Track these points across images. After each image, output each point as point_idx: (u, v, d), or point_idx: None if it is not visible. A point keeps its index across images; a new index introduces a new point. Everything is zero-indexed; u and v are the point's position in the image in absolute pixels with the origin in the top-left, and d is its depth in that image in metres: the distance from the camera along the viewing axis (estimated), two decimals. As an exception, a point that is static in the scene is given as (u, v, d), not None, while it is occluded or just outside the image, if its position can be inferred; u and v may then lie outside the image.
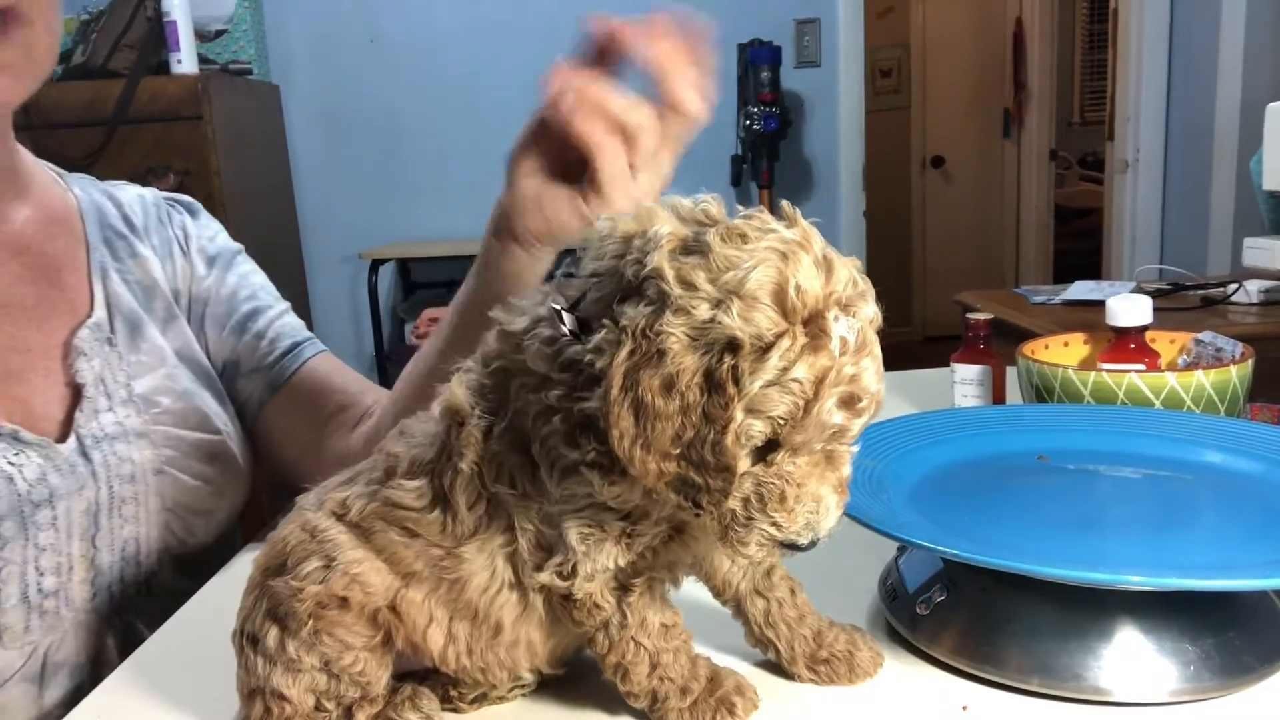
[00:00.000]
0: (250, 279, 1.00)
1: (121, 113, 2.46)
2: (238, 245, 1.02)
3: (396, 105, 3.50)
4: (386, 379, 3.31)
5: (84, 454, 0.81)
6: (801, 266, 0.44)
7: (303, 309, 3.41)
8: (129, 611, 0.84)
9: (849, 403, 0.45)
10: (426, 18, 3.48)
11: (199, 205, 1.02)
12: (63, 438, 0.81)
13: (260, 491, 2.19)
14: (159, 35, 2.55)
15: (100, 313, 0.88)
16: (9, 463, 0.77)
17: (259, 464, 1.00)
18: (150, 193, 1.00)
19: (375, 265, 3.30)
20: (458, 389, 0.55)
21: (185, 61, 2.57)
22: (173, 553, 0.88)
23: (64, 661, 0.80)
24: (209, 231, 1.00)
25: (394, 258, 3.44)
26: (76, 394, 0.84)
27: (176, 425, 0.88)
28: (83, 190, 0.95)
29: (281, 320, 0.99)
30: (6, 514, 0.76)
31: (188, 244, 0.98)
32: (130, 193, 0.98)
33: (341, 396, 0.96)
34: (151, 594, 0.85)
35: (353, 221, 3.49)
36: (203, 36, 2.72)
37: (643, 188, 0.70)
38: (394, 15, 3.47)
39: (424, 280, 3.54)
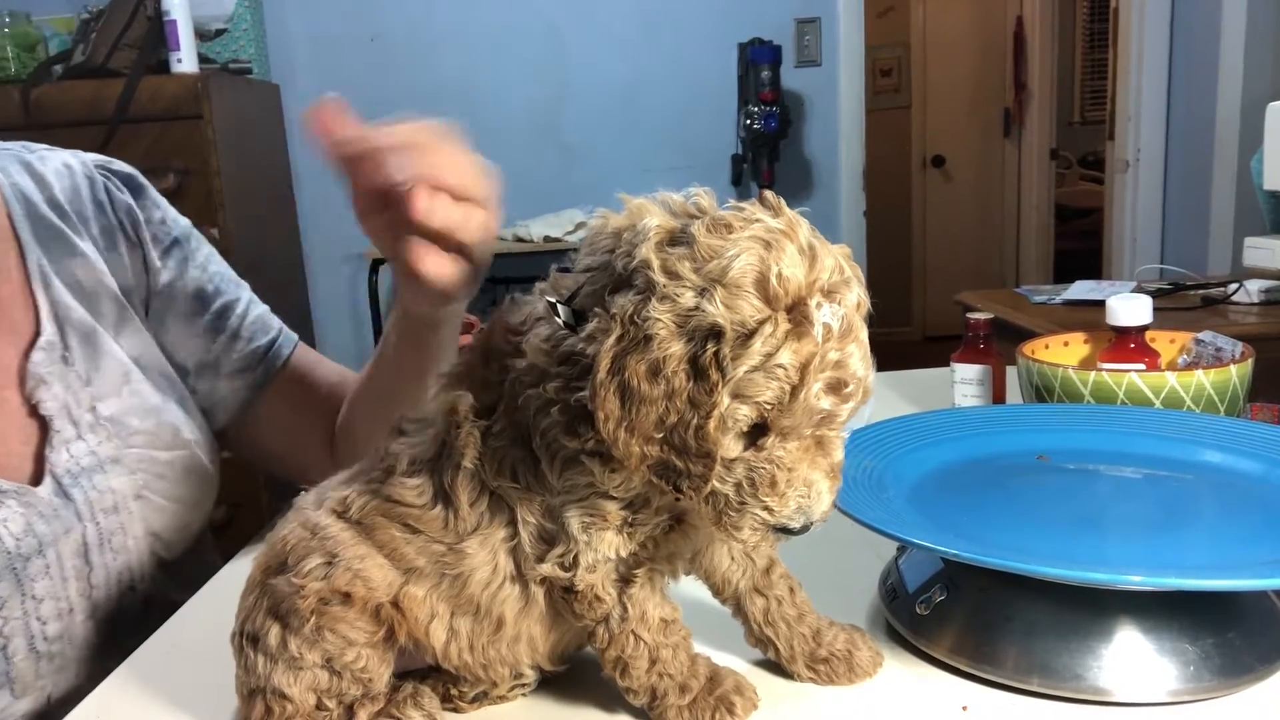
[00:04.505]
0: (210, 268, 0.92)
1: (121, 112, 2.46)
2: (186, 223, 0.93)
3: (396, 105, 3.49)
4: (386, 378, 3.29)
5: (64, 494, 0.77)
6: (785, 254, 0.45)
7: (303, 309, 3.40)
8: (133, 635, 0.80)
9: (836, 388, 0.46)
10: (426, 18, 3.47)
11: (140, 178, 0.92)
12: (35, 477, 0.77)
13: (260, 491, 2.19)
14: (159, 35, 2.54)
15: (49, 328, 0.80)
16: None
17: (242, 455, 0.98)
18: (80, 163, 0.88)
19: (375, 265, 3.29)
20: (455, 387, 0.55)
21: (185, 61, 2.57)
22: (160, 570, 0.85)
23: (76, 693, 0.77)
24: (158, 214, 0.90)
25: (394, 257, 3.42)
26: (37, 425, 0.78)
27: (150, 446, 0.83)
28: (0, 171, 0.84)
29: (251, 314, 0.93)
30: (1, 574, 0.72)
31: (137, 232, 0.88)
32: (54, 163, 0.87)
33: (327, 389, 0.94)
34: (150, 612, 0.82)
35: (352, 221, 3.47)
36: (203, 36, 2.72)
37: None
38: (394, 15, 3.47)
39: (424, 280, 3.53)
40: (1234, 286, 2.09)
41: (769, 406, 0.45)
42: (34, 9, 2.80)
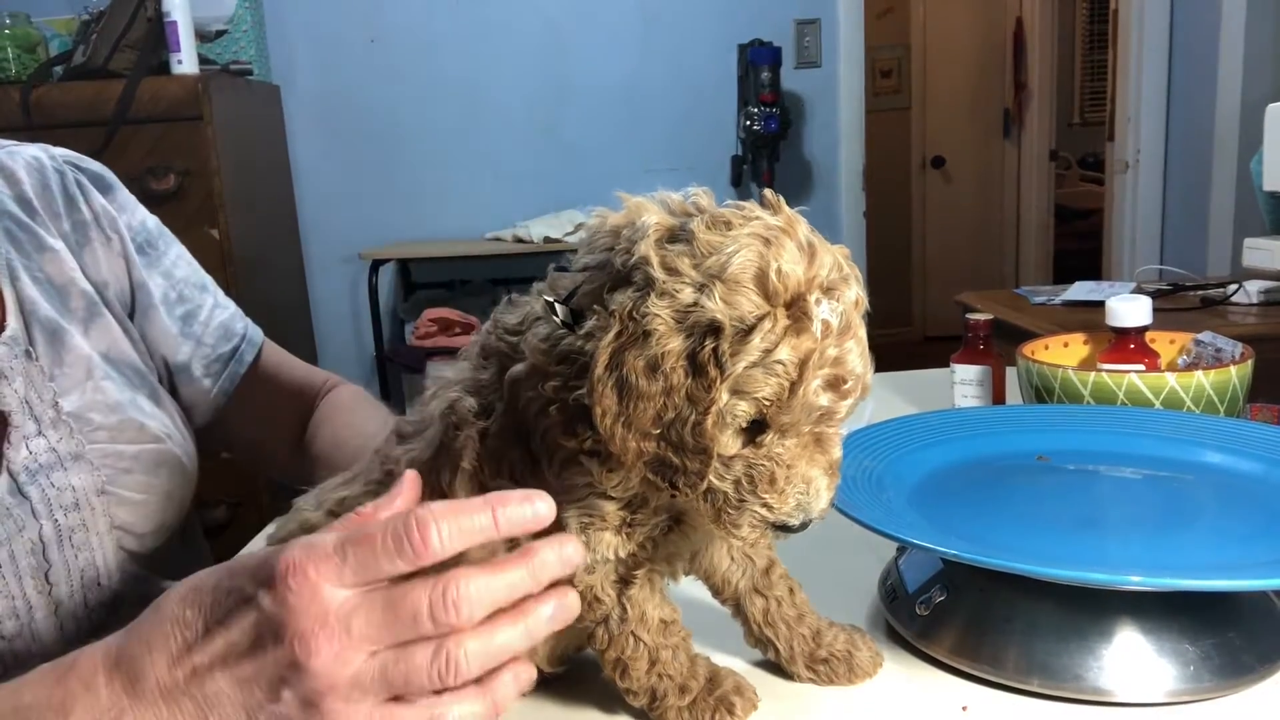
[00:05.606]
0: (176, 273, 0.92)
1: (122, 113, 2.46)
2: (155, 223, 0.93)
3: (396, 105, 3.50)
4: (386, 379, 3.30)
5: (19, 491, 0.76)
6: (784, 251, 0.45)
7: (303, 309, 3.40)
8: (102, 631, 0.79)
9: (834, 384, 0.46)
10: (426, 18, 3.48)
11: (110, 178, 0.91)
12: None
13: (260, 492, 2.19)
14: (159, 35, 2.55)
15: (14, 322, 0.79)
16: None
17: (214, 449, 0.98)
18: (49, 157, 0.87)
19: (375, 265, 3.30)
20: (453, 389, 0.55)
21: (185, 62, 2.57)
22: (132, 565, 0.83)
23: None
24: (127, 215, 0.90)
25: (394, 258, 3.43)
26: None
27: (113, 441, 0.81)
28: None
29: (215, 321, 0.94)
30: None
31: (114, 227, 0.88)
32: (23, 158, 0.86)
33: (293, 389, 0.98)
34: (120, 609, 0.80)
35: (353, 221, 3.49)
36: (203, 37, 2.72)
37: None
38: (394, 15, 3.47)
39: (424, 280, 3.53)
40: (1233, 287, 2.09)
41: (768, 403, 0.45)
42: (34, 10, 2.80)
